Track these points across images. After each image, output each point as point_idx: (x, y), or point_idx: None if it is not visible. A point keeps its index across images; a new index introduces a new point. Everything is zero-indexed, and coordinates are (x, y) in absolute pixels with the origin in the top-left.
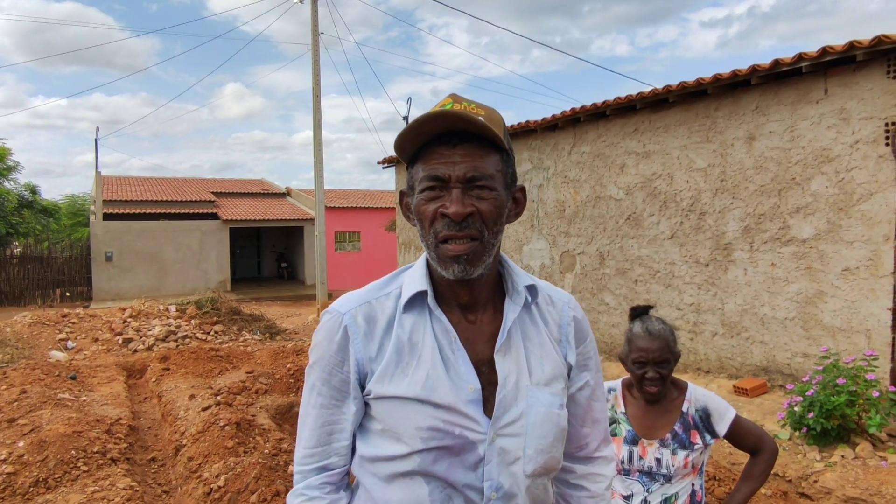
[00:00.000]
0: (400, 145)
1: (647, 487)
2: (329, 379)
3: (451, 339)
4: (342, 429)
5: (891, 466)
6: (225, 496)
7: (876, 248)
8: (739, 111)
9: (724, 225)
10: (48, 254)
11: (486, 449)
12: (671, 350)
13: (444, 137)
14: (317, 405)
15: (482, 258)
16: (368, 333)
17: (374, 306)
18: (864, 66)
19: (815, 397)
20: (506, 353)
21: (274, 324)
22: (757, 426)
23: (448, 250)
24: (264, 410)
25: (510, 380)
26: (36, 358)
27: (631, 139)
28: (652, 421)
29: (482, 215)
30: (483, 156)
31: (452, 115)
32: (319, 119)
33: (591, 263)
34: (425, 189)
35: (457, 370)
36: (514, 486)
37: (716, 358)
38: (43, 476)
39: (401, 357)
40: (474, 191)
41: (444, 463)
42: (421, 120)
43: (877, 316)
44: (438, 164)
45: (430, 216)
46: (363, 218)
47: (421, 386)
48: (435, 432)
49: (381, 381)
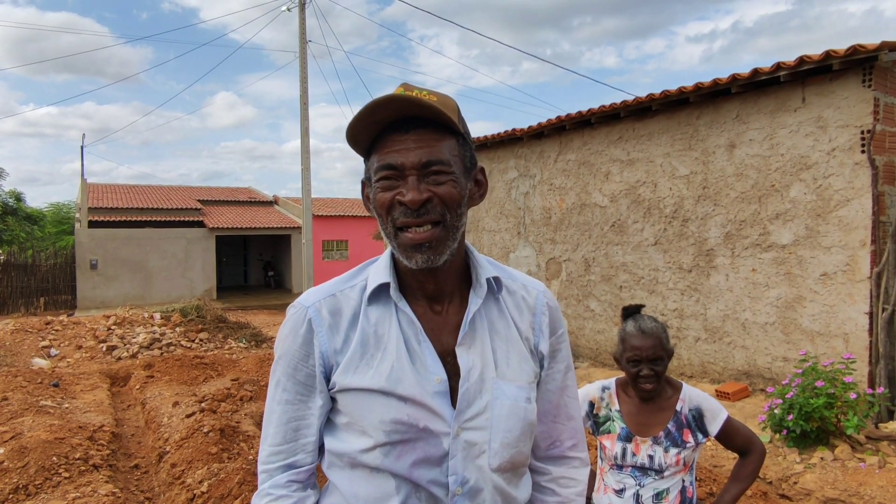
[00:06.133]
0: (352, 135)
1: (639, 482)
2: (294, 374)
3: (417, 331)
4: (308, 424)
5: (869, 468)
6: (208, 502)
7: (853, 253)
8: (720, 119)
9: (707, 231)
10: (32, 261)
11: (450, 443)
12: (664, 347)
13: (397, 125)
14: (282, 401)
15: (445, 243)
16: (333, 326)
17: (339, 299)
18: (840, 75)
19: (794, 400)
20: (470, 346)
21: (260, 332)
22: (747, 428)
23: (408, 238)
24: (249, 417)
25: (474, 372)
26: (18, 365)
27: (615, 147)
28: (646, 418)
29: (442, 199)
30: (438, 140)
31: (402, 100)
32: (307, 126)
33: (577, 270)
34: (381, 178)
35: (423, 362)
36: (479, 480)
37: (699, 363)
38: (23, 483)
39: (366, 349)
40: (430, 176)
41: (408, 458)
42: (370, 107)
43: (854, 320)
44: (392, 151)
45: (386, 205)
46: (351, 226)
47: (385, 378)
48: (399, 425)
49: (346, 372)
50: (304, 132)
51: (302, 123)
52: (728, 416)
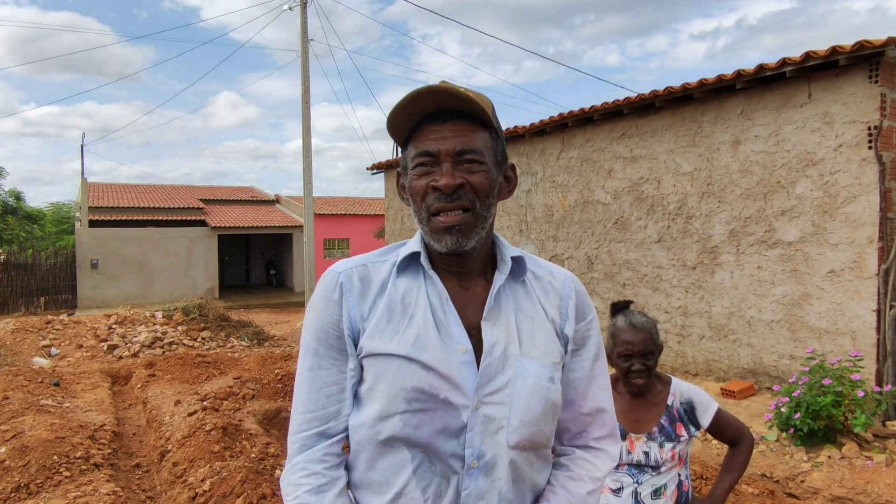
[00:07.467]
0: (392, 124)
1: (636, 479)
2: (326, 338)
3: (444, 301)
4: (341, 389)
5: (876, 466)
6: (210, 500)
7: (860, 250)
8: (725, 116)
9: (711, 228)
10: (32, 261)
11: (469, 416)
12: (655, 342)
13: (434, 117)
14: (314, 367)
15: (475, 230)
16: (363, 293)
17: (370, 269)
18: (846, 70)
19: (801, 398)
20: (495, 322)
21: (262, 330)
22: (736, 419)
23: (440, 222)
24: (251, 415)
25: (498, 347)
26: (19, 364)
27: (618, 144)
28: (639, 415)
29: (473, 187)
30: (472, 131)
31: (441, 92)
32: (309, 125)
33: (580, 268)
34: (417, 165)
35: (448, 332)
36: (496, 455)
37: (703, 360)
38: (24, 482)
39: (392, 315)
40: (464, 164)
41: (427, 428)
42: (411, 96)
43: (862, 317)
44: (429, 140)
45: (421, 191)
46: (352, 225)
47: (411, 344)
48: (419, 394)
49: (373, 337)
50: (306, 131)
51: (304, 122)
52: (718, 407)
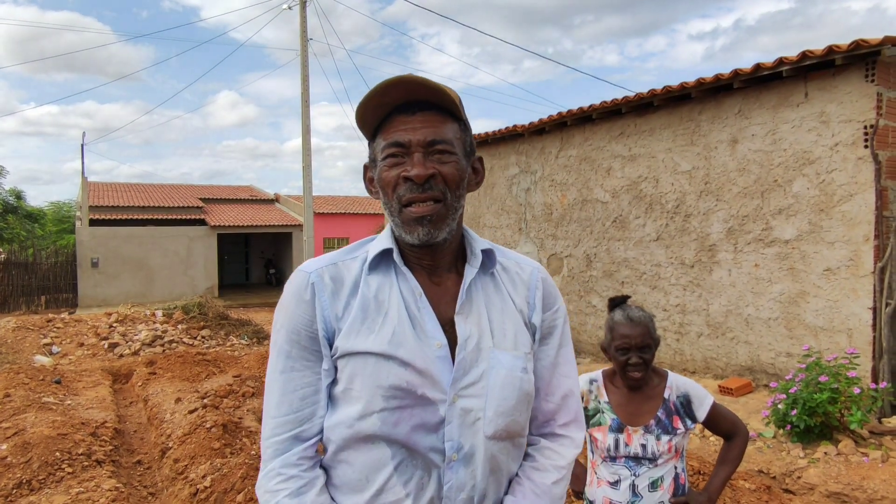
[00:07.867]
0: (361, 116)
1: (633, 472)
2: (298, 339)
3: (417, 297)
4: (315, 391)
5: (872, 462)
6: (211, 496)
7: (856, 248)
8: (722, 115)
9: (709, 227)
10: (33, 260)
11: (446, 410)
12: (652, 336)
13: (403, 108)
14: (286, 369)
15: (446, 220)
16: (335, 292)
17: (341, 268)
18: (843, 70)
19: (798, 395)
20: (467, 315)
21: (262, 328)
22: (731, 412)
23: (412, 212)
24: (251, 413)
25: (471, 341)
26: (20, 363)
27: (617, 143)
28: (636, 408)
29: (444, 177)
30: (442, 122)
31: (411, 82)
32: (308, 124)
33: (579, 266)
34: (387, 156)
35: (423, 327)
36: (473, 446)
37: (701, 358)
38: (27, 478)
39: (366, 314)
40: (435, 155)
41: (405, 424)
42: (381, 87)
43: (858, 315)
44: (399, 130)
45: (392, 182)
46: (352, 224)
47: (387, 342)
48: (397, 391)
49: (348, 337)
50: (306, 130)
51: (303, 121)
52: (714, 401)
